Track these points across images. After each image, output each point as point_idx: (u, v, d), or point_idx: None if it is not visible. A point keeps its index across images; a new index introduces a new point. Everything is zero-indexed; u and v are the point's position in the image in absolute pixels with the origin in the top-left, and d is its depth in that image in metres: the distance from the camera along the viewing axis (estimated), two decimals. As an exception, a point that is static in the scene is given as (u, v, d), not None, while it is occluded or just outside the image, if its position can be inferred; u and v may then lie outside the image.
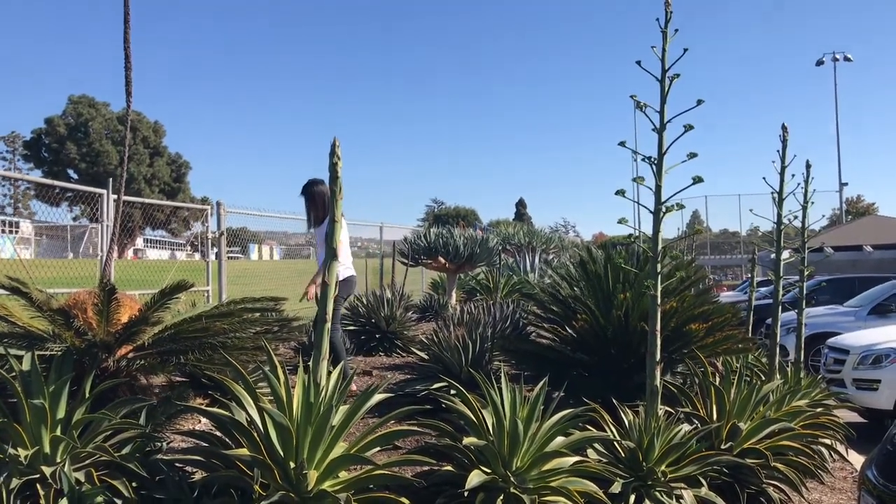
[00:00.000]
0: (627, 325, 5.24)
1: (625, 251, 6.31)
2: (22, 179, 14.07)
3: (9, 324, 3.87)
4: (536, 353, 5.72)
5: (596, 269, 5.54)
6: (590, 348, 5.50)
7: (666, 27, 4.15)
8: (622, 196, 4.25)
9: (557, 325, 5.90)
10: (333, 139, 3.52)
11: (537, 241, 20.50)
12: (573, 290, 5.80)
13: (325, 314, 3.40)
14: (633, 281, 5.31)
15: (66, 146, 61.56)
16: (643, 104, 4.22)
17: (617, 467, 3.84)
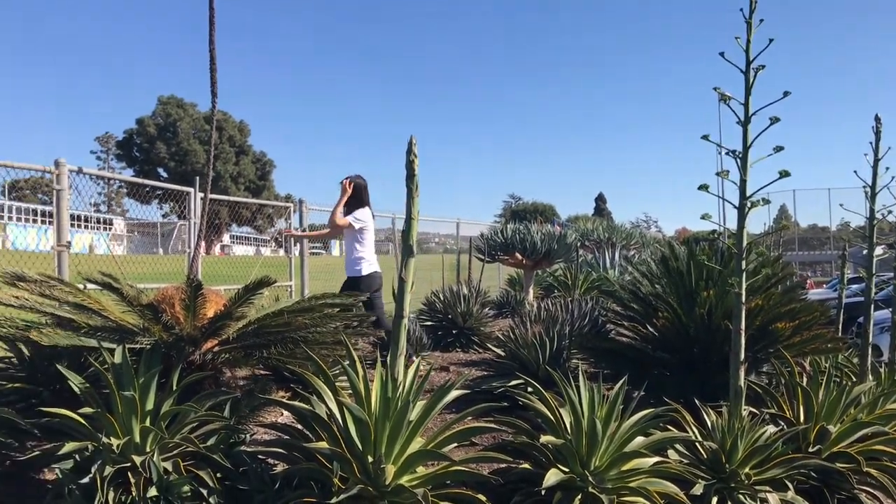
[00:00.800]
0: (710, 323, 5.11)
1: (708, 247, 6.15)
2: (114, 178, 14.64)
3: (102, 318, 4.03)
4: (615, 352, 5.64)
5: (678, 266, 5.42)
6: (671, 347, 5.38)
7: (750, 17, 4.03)
8: (706, 191, 4.15)
9: (638, 322, 5.79)
10: (410, 137, 3.54)
11: (617, 236, 20.21)
12: (654, 287, 5.69)
13: (402, 310, 3.43)
14: (717, 278, 5.17)
15: (156, 146, 63.89)
16: (727, 97, 4.10)
17: (698, 469, 3.76)
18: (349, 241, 6.94)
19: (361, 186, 7.00)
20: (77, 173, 6.53)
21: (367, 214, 6.95)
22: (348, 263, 6.93)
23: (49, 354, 4.19)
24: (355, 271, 6.84)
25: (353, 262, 6.85)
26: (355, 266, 6.85)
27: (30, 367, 4.28)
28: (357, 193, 6.95)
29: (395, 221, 13.42)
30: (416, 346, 7.39)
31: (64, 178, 6.12)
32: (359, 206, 6.94)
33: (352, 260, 6.87)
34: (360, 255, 6.87)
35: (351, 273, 6.86)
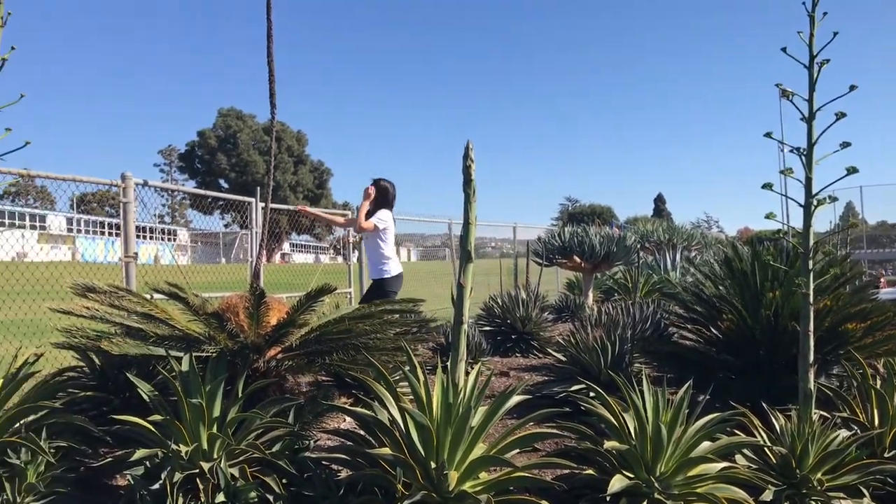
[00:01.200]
0: (777, 325, 4.99)
1: (772, 247, 6.01)
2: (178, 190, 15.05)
3: (169, 327, 4.12)
4: (679, 355, 5.55)
5: (742, 267, 5.31)
6: (736, 349, 5.27)
7: (813, 11, 3.92)
8: (769, 189, 4.05)
9: (701, 325, 5.69)
10: (467, 142, 3.54)
11: (678, 237, 19.88)
12: (718, 289, 5.58)
13: (462, 316, 3.43)
14: (783, 279, 5.04)
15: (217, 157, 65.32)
16: (790, 93, 4.00)
17: (768, 474, 3.66)
18: (372, 243, 6.98)
19: (386, 189, 7.08)
20: (142, 186, 6.70)
21: (388, 215, 7.00)
22: (373, 265, 6.96)
23: (119, 363, 4.31)
24: (381, 272, 6.87)
25: (379, 263, 6.89)
26: (381, 267, 6.88)
27: (101, 375, 4.40)
28: (382, 195, 7.02)
29: (451, 227, 13.45)
30: (475, 352, 7.39)
31: (130, 190, 6.28)
32: (382, 208, 7.00)
33: (377, 262, 6.91)
34: (384, 256, 6.91)
35: (377, 275, 6.90)
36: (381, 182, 7.09)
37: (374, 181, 7.12)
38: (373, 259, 6.92)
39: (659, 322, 7.46)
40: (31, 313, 6.44)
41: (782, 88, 4.06)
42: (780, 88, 4.08)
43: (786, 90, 4.02)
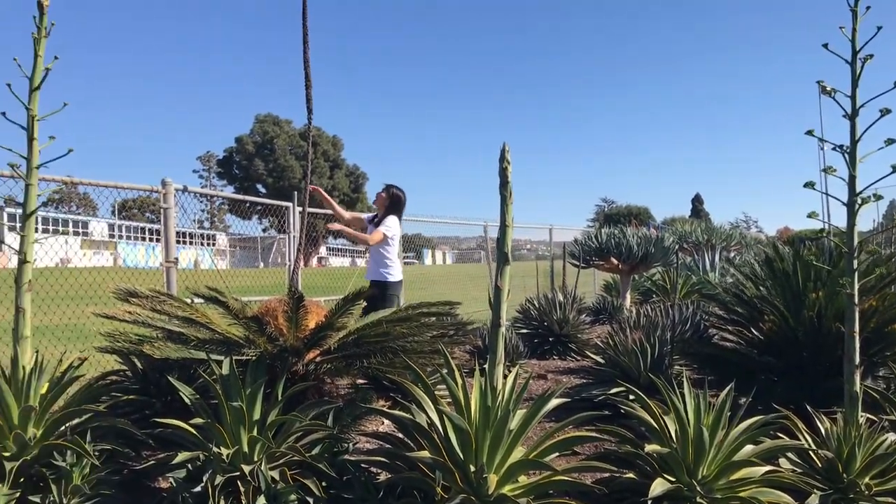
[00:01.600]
0: (821, 326, 4.90)
1: (814, 247, 5.90)
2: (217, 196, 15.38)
3: (209, 331, 4.17)
4: (719, 357, 5.47)
5: (784, 267, 5.22)
6: (778, 351, 5.18)
7: (856, 5, 3.85)
8: (812, 188, 3.98)
9: (742, 326, 5.61)
10: (503, 144, 3.53)
11: (716, 238, 19.62)
12: (759, 289, 5.49)
13: (499, 318, 3.42)
14: (826, 279, 4.95)
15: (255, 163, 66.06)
16: (831, 89, 3.93)
17: (813, 478, 3.59)
18: (376, 247, 7.03)
19: (398, 196, 7.19)
20: (182, 192, 6.80)
21: (396, 223, 7.09)
22: (374, 268, 7.04)
23: (160, 367, 4.37)
24: (382, 276, 6.95)
25: (381, 266, 6.99)
26: (383, 271, 6.97)
27: (143, 379, 4.47)
28: (393, 202, 7.15)
29: (486, 229, 13.43)
30: (512, 355, 7.37)
31: (170, 196, 6.38)
32: (392, 214, 7.07)
33: (379, 265, 7.01)
34: (387, 261, 7.00)
35: (377, 277, 6.96)
36: (392, 189, 7.20)
37: (385, 187, 7.21)
38: (375, 261, 7.01)
39: (699, 324, 7.38)
40: (75, 318, 6.56)
41: (823, 85, 3.98)
42: (821, 85, 4.01)
43: (827, 87, 3.94)
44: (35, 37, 3.92)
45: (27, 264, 3.81)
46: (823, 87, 3.98)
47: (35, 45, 3.93)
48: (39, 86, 3.92)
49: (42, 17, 3.93)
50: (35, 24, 3.92)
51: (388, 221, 6.99)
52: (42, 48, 3.93)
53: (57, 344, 6.48)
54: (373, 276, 7.00)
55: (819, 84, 4.03)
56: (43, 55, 3.94)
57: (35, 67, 3.92)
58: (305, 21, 5.32)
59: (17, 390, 3.63)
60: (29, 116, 3.90)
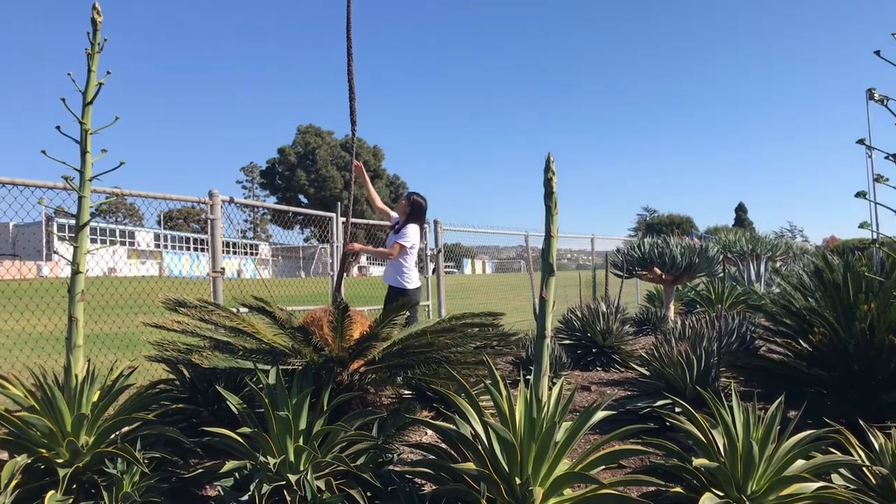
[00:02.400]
0: (873, 338, 4.79)
1: (864, 257, 5.78)
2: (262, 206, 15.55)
3: (256, 341, 4.22)
4: (767, 369, 5.38)
5: (834, 278, 5.12)
6: (829, 364, 5.08)
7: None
8: (863, 198, 3.90)
9: (790, 338, 5.51)
10: (548, 154, 3.52)
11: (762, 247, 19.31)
12: (808, 301, 5.39)
13: (544, 330, 3.40)
14: (878, 290, 4.84)
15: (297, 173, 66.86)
16: (883, 97, 3.84)
17: (867, 495, 3.50)
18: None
19: (420, 204, 7.28)
20: (228, 203, 6.89)
21: (416, 231, 7.18)
22: (391, 274, 7.15)
23: (208, 376, 4.43)
24: (400, 283, 7.07)
25: (398, 273, 7.09)
26: (400, 278, 7.07)
27: (191, 388, 4.53)
28: (415, 210, 7.24)
29: (527, 239, 13.39)
30: (555, 366, 7.32)
31: (217, 208, 6.47)
32: (413, 222, 7.12)
33: (397, 272, 7.10)
34: (405, 268, 7.09)
35: (395, 283, 7.08)
36: (414, 197, 7.31)
37: (406, 195, 7.30)
38: (394, 268, 7.11)
39: (745, 335, 7.27)
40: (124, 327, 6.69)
41: (874, 93, 3.90)
42: (871, 93, 3.93)
43: (876, 94, 3.86)
44: (88, 52, 4.01)
45: (80, 275, 3.89)
46: (874, 94, 3.91)
47: (88, 61, 4.03)
48: (92, 100, 4.02)
49: (95, 34, 4.02)
50: (88, 41, 4.02)
51: (408, 231, 7.08)
52: (95, 63, 4.03)
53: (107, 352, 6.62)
54: (391, 282, 7.14)
55: (869, 91, 3.96)
56: (96, 70, 4.03)
57: (88, 82, 4.01)
58: (349, 34, 5.37)
59: (70, 398, 3.71)
60: (82, 130, 3.99)
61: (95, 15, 4.01)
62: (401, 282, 7.04)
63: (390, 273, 7.17)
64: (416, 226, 7.20)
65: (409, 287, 7.06)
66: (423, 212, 7.33)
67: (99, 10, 4.02)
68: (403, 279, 7.04)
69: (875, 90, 3.93)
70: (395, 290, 7.04)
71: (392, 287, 7.09)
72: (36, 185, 5.25)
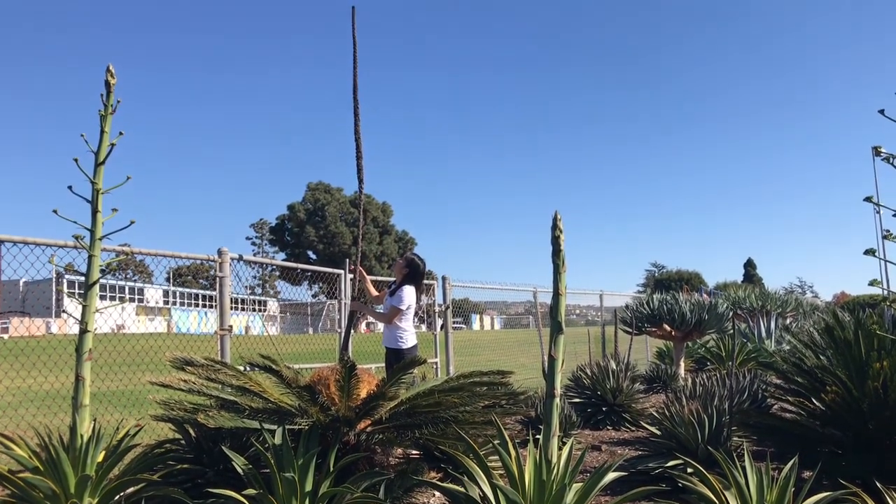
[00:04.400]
0: (886, 397, 4.72)
1: (875, 314, 5.73)
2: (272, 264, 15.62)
3: (263, 400, 4.19)
4: (780, 429, 5.29)
5: (845, 336, 5.07)
6: (843, 423, 5.00)
7: (912, 71, 3.82)
8: (872, 256, 3.89)
9: (803, 397, 5.44)
10: (555, 213, 3.54)
11: (772, 304, 19.21)
12: (819, 359, 5.34)
13: (554, 389, 3.37)
14: (891, 348, 4.79)
15: (306, 230, 67.31)
16: (889, 156, 3.86)
17: (886, 560, 3.42)
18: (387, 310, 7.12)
19: (418, 266, 7.28)
20: (238, 261, 6.93)
21: (411, 293, 7.16)
22: (388, 336, 7.16)
23: (214, 436, 4.39)
24: (397, 344, 7.07)
25: (395, 335, 7.08)
26: (397, 340, 7.06)
27: (196, 448, 4.49)
28: (413, 271, 7.23)
29: (536, 295, 13.37)
30: (565, 424, 7.24)
31: (226, 265, 6.50)
32: (409, 283, 7.10)
33: (393, 333, 7.10)
34: (401, 329, 7.09)
35: (393, 345, 7.09)
36: (411, 258, 7.32)
37: (405, 255, 7.35)
38: (390, 329, 7.13)
39: (756, 393, 7.18)
40: (131, 385, 6.67)
41: (881, 152, 3.92)
42: (878, 152, 3.95)
43: (882, 152, 3.88)
44: (101, 114, 4.08)
45: (88, 333, 3.89)
46: (879, 152, 3.93)
47: (101, 122, 4.09)
48: (104, 160, 4.07)
49: (109, 95, 4.10)
50: (102, 102, 4.09)
51: (404, 293, 7.07)
52: (108, 124, 4.09)
53: (113, 411, 6.58)
54: (388, 343, 7.15)
55: (874, 150, 3.98)
56: (109, 131, 4.10)
57: (101, 143, 4.07)
58: (356, 95, 5.47)
59: (75, 458, 3.68)
60: (94, 190, 4.03)
61: (109, 77, 4.09)
62: (398, 343, 7.06)
63: (388, 335, 7.18)
64: (413, 287, 7.18)
65: (405, 347, 7.05)
66: (421, 273, 7.34)
67: (113, 73, 4.11)
68: (399, 341, 7.05)
69: (881, 148, 3.95)
70: (392, 351, 7.07)
71: (389, 349, 7.11)
72: (47, 243, 5.28)
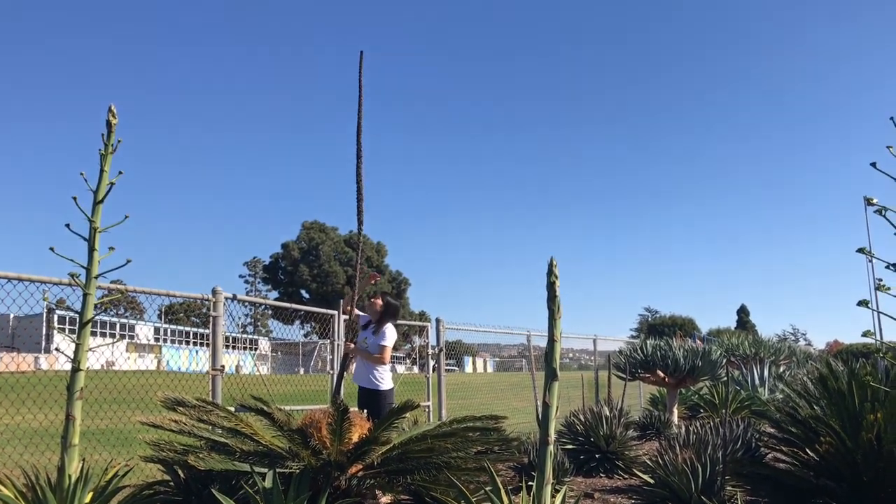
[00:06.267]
0: (881, 448, 4.71)
1: (868, 364, 5.74)
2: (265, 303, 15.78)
3: (254, 442, 4.16)
4: (774, 479, 5.26)
5: (839, 386, 5.07)
6: (837, 474, 4.98)
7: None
8: (866, 307, 3.91)
9: (797, 447, 5.42)
10: (551, 259, 3.56)
11: (765, 351, 19.21)
12: (813, 408, 5.33)
13: (548, 436, 3.36)
14: (884, 399, 4.79)
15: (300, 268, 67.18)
16: (881, 208, 3.90)
17: None
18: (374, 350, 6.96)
19: (395, 308, 7.20)
20: (232, 300, 6.91)
21: (394, 334, 7.04)
22: (365, 374, 6.85)
23: (203, 478, 4.34)
24: (374, 384, 6.77)
25: (372, 374, 6.81)
26: (374, 380, 6.79)
27: (186, 490, 4.43)
28: (392, 312, 7.14)
29: (529, 338, 13.33)
30: (558, 471, 7.17)
31: (220, 305, 6.49)
32: (388, 322, 7.03)
33: (369, 372, 6.83)
34: (378, 369, 6.84)
35: (369, 385, 6.79)
36: (388, 299, 7.18)
37: (381, 294, 7.21)
38: (367, 367, 6.84)
39: (750, 442, 7.14)
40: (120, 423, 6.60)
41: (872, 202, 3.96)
42: (869, 202, 3.99)
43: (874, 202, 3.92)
44: (102, 153, 4.11)
45: (80, 372, 3.87)
46: (871, 203, 3.97)
47: (101, 161, 4.12)
48: (103, 199, 4.09)
49: (110, 135, 4.14)
50: (103, 141, 4.12)
51: (387, 333, 6.91)
52: (108, 164, 4.12)
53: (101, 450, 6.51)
54: (362, 382, 6.85)
55: (866, 200, 4.02)
56: (108, 170, 4.12)
57: (100, 182, 4.10)
58: (360, 139, 5.52)
59: (62, 499, 3.63)
60: (91, 228, 4.04)
61: (111, 117, 4.13)
62: (374, 382, 6.77)
63: (361, 373, 6.88)
64: (392, 328, 7.11)
65: (383, 388, 6.79)
66: (397, 312, 7.26)
67: (114, 113, 4.15)
68: (376, 381, 6.77)
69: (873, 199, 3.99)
70: (367, 391, 6.78)
71: (363, 388, 6.81)
72: (41, 280, 5.27)
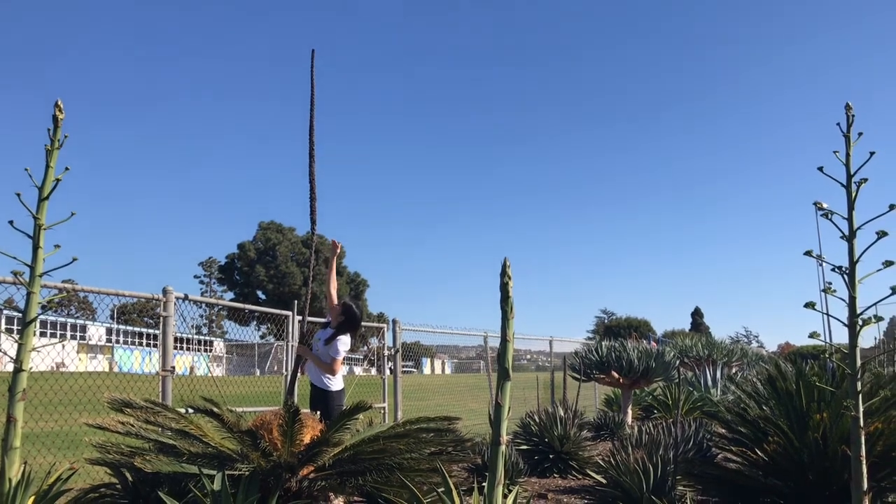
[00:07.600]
0: (826, 448, 4.80)
1: (816, 365, 5.86)
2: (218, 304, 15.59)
3: (203, 444, 4.09)
4: (724, 479, 5.34)
5: (787, 387, 5.16)
6: (784, 474, 5.06)
7: (848, 131, 3.95)
8: (812, 309, 3.98)
9: (746, 447, 5.50)
10: (504, 259, 3.55)
11: (717, 353, 19.53)
12: (762, 409, 5.42)
13: (500, 437, 3.35)
14: (830, 400, 4.89)
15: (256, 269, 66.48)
16: (828, 211, 3.98)
17: None
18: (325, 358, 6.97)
19: (354, 316, 7.14)
20: (183, 300, 6.80)
21: (347, 343, 7.03)
22: (316, 374, 6.89)
23: (151, 480, 4.26)
24: (324, 384, 6.81)
25: (323, 375, 6.83)
26: (324, 380, 6.83)
27: (133, 493, 4.35)
28: (351, 319, 7.09)
29: (486, 339, 13.38)
30: (511, 472, 7.19)
31: (171, 305, 6.38)
32: (348, 331, 7.02)
33: (322, 374, 6.85)
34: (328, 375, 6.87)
35: (320, 385, 6.82)
36: (349, 305, 7.17)
37: (343, 302, 7.18)
38: (320, 370, 6.89)
39: (702, 442, 7.24)
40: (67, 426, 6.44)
41: (820, 206, 4.05)
42: (817, 207, 4.08)
43: (823, 206, 4.00)
44: (48, 148, 4.01)
45: (22, 373, 3.76)
46: (820, 207, 4.05)
47: (47, 157, 4.01)
48: (49, 196, 3.98)
49: (56, 130, 4.03)
50: (49, 137, 4.02)
51: (340, 344, 6.88)
52: (54, 160, 4.02)
53: (46, 453, 6.35)
54: (316, 382, 6.89)
55: (815, 205, 4.10)
56: (55, 166, 4.02)
57: (46, 178, 3.99)
58: (312, 137, 5.47)
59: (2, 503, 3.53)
60: (36, 225, 3.93)
61: (57, 112, 4.03)
62: (324, 382, 6.82)
63: (315, 374, 6.94)
64: (349, 337, 7.07)
65: (332, 389, 6.82)
66: (358, 322, 7.22)
67: (61, 108, 4.05)
68: (326, 380, 6.82)
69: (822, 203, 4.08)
70: (318, 390, 6.84)
71: (316, 387, 6.87)
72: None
